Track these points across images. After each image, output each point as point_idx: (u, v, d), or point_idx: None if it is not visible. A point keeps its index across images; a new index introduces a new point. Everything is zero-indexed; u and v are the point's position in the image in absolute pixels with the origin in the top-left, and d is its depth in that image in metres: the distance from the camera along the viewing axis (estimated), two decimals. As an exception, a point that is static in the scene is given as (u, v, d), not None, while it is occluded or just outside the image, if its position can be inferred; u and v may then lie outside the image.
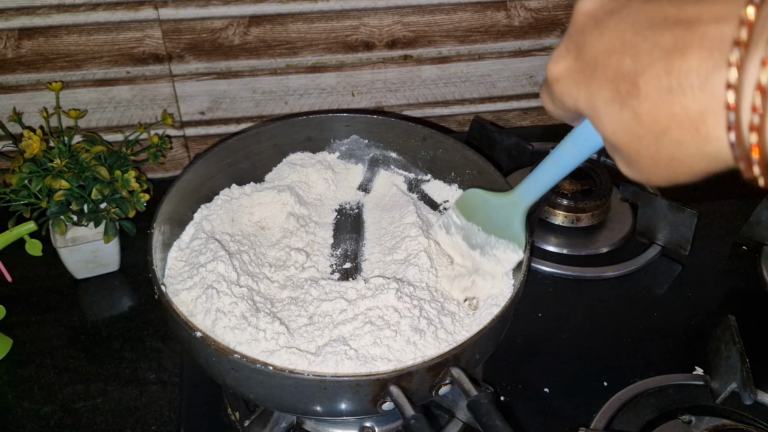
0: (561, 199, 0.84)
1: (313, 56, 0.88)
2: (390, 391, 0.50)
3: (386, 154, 0.79)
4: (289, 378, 0.49)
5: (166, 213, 0.64)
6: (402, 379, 0.50)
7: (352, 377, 0.49)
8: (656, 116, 0.27)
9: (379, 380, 0.49)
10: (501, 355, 0.71)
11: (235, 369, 0.51)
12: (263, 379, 0.50)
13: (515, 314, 0.59)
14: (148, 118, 0.89)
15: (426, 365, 0.50)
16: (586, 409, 0.66)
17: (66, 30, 0.79)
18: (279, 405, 0.55)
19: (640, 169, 0.30)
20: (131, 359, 0.71)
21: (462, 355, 0.52)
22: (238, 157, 0.74)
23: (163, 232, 0.64)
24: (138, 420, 0.65)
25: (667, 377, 0.69)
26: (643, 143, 0.28)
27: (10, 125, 0.82)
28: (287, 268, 0.67)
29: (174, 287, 0.61)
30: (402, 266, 0.66)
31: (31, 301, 0.76)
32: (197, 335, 0.51)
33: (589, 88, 0.30)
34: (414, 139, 0.76)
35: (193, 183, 0.69)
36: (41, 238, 0.71)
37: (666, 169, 0.29)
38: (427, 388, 0.52)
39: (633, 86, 0.27)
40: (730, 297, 0.79)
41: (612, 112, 0.29)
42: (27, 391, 0.67)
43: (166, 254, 0.65)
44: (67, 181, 0.72)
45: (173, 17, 0.81)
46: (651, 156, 0.29)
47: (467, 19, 0.90)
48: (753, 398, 0.61)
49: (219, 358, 0.51)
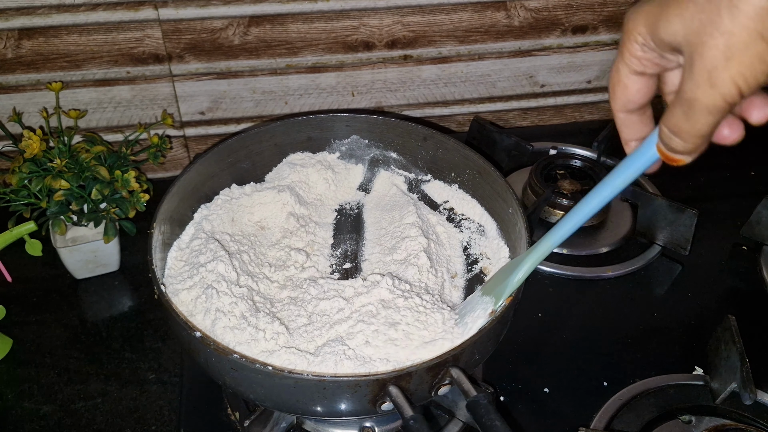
0: (561, 199, 0.84)
1: (313, 56, 0.88)
2: (389, 391, 0.50)
3: (386, 154, 0.79)
4: (288, 378, 0.49)
5: (167, 213, 0.64)
6: (401, 379, 0.50)
7: (351, 377, 0.49)
8: None
9: (378, 380, 0.49)
10: (501, 355, 0.71)
11: (235, 369, 0.51)
12: (262, 379, 0.50)
13: (515, 314, 0.59)
14: (148, 118, 0.89)
15: (425, 365, 0.50)
16: (586, 409, 0.66)
17: (66, 30, 0.79)
18: (278, 405, 0.55)
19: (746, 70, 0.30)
20: (131, 359, 0.71)
21: (461, 356, 0.52)
22: (239, 157, 0.74)
23: (163, 232, 0.64)
24: (138, 420, 0.65)
25: (667, 377, 0.68)
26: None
27: (10, 125, 0.82)
28: (287, 268, 0.67)
29: (174, 287, 0.61)
30: (402, 266, 0.66)
31: (31, 301, 0.76)
32: (197, 335, 0.51)
33: (688, 12, 0.31)
34: (414, 139, 0.76)
35: (194, 182, 0.69)
36: (41, 238, 0.71)
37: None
38: (426, 388, 0.52)
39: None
40: (730, 297, 0.79)
41: (726, 20, 0.29)
42: (27, 391, 0.67)
43: (166, 254, 0.65)
44: (67, 181, 0.72)
45: (173, 17, 0.81)
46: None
47: (467, 19, 0.90)
48: (753, 398, 0.61)
49: (219, 358, 0.51)
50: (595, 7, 0.93)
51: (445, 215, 0.75)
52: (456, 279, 0.68)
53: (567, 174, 0.88)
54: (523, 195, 0.89)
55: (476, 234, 0.73)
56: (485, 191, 0.72)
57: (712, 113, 0.31)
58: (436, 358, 0.50)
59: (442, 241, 0.72)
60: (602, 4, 0.93)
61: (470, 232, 0.73)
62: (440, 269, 0.67)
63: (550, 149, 0.95)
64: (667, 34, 0.32)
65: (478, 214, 0.73)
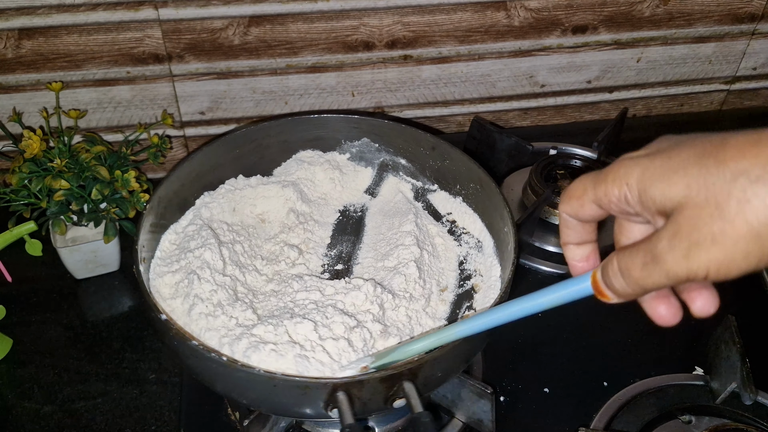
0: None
1: (313, 56, 0.88)
2: (336, 396, 0.49)
3: (396, 160, 0.78)
4: (240, 371, 0.49)
5: (165, 195, 0.65)
6: (352, 386, 0.49)
7: (300, 378, 0.49)
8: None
9: (327, 385, 0.49)
10: (501, 355, 0.71)
11: (194, 356, 0.52)
12: (217, 368, 0.51)
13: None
14: (148, 118, 0.89)
15: (378, 376, 0.49)
16: (586, 409, 0.66)
17: (66, 30, 0.79)
18: (235, 396, 0.55)
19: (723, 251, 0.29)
20: (131, 359, 0.71)
21: (419, 371, 0.51)
22: (246, 150, 0.74)
23: (162, 215, 0.65)
24: (138, 420, 0.65)
25: (667, 377, 0.69)
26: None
27: (10, 125, 0.82)
28: (278, 262, 0.67)
29: (160, 269, 0.62)
30: (390, 273, 0.66)
31: (31, 301, 0.76)
32: (162, 317, 0.53)
33: (688, 176, 0.30)
34: (423, 147, 0.75)
35: (197, 169, 0.70)
36: (41, 238, 0.71)
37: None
38: (381, 399, 0.51)
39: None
40: (730, 297, 0.79)
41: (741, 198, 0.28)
42: (27, 391, 0.67)
43: (160, 236, 0.66)
44: (67, 181, 0.72)
45: (173, 17, 0.81)
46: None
47: (467, 19, 0.90)
48: (753, 398, 0.61)
49: (180, 343, 0.52)
50: (595, 7, 0.93)
51: (447, 227, 0.74)
52: (445, 293, 0.67)
53: (567, 174, 0.88)
54: (523, 195, 0.89)
55: (474, 249, 0.71)
56: (486, 206, 0.70)
57: (669, 279, 0.31)
58: (390, 369, 0.50)
59: (438, 252, 0.71)
60: (602, 4, 0.93)
61: (468, 247, 0.71)
62: (430, 281, 0.66)
63: (550, 149, 0.95)
64: (664, 197, 0.31)
65: (478, 229, 0.72)
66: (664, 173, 0.31)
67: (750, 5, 0.97)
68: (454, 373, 0.57)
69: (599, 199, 0.35)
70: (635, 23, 0.96)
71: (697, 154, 0.30)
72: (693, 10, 0.96)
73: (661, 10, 0.95)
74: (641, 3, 0.94)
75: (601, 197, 0.35)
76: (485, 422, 0.61)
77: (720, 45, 1.02)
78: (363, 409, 0.51)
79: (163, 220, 0.66)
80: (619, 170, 0.33)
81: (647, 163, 0.32)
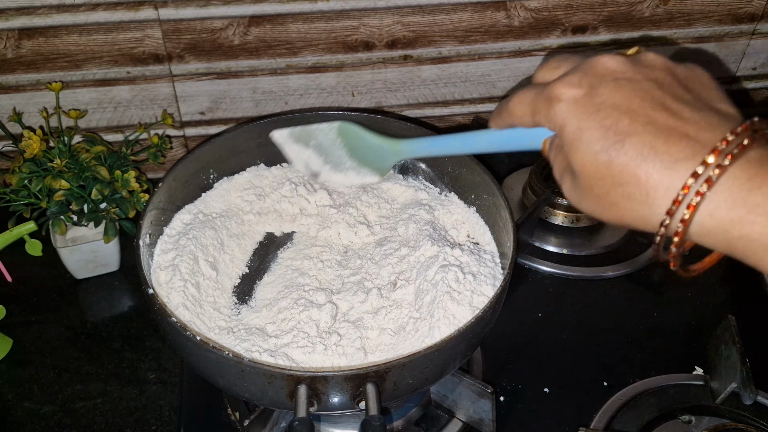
0: (561, 199, 0.84)
1: (313, 56, 0.88)
2: (297, 389, 0.49)
3: (416, 164, 0.76)
4: (211, 352, 0.50)
5: (182, 175, 0.68)
6: (316, 381, 0.49)
7: (266, 366, 0.50)
8: (624, 169, 0.33)
9: (291, 376, 0.49)
10: (501, 355, 0.71)
11: (172, 333, 0.53)
12: (192, 347, 0.52)
13: (515, 313, 0.59)
14: (148, 118, 0.89)
15: (342, 373, 0.49)
16: (586, 409, 0.66)
17: (66, 30, 0.79)
18: (209, 377, 0.55)
19: (582, 197, 0.37)
20: (131, 359, 0.71)
21: (387, 374, 0.50)
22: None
23: (174, 193, 0.68)
24: (138, 420, 0.65)
25: (667, 377, 0.69)
26: (600, 182, 0.34)
27: (10, 125, 0.82)
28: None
29: (166, 245, 0.64)
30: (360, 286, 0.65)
31: (31, 301, 0.76)
32: (149, 291, 0.55)
33: (584, 121, 0.35)
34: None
35: (218, 153, 0.72)
36: (41, 238, 0.71)
37: (604, 207, 0.35)
38: (348, 397, 0.51)
39: (619, 141, 0.33)
40: (730, 297, 0.79)
41: (592, 148, 0.34)
42: (27, 391, 0.67)
43: (172, 215, 0.68)
44: (67, 181, 0.72)
45: (173, 17, 0.81)
46: (600, 194, 0.35)
47: (467, 19, 0.90)
48: (753, 398, 0.61)
49: (161, 319, 0.53)
50: (595, 7, 0.93)
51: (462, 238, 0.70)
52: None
53: (567, 174, 0.88)
54: (523, 195, 0.89)
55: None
56: (496, 220, 0.67)
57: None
58: (355, 368, 0.49)
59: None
60: (602, 4, 0.93)
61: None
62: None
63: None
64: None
65: (487, 241, 0.68)
66: (571, 108, 0.36)
67: (750, 5, 0.97)
68: (428, 382, 0.55)
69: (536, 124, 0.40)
70: (635, 23, 0.96)
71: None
72: (693, 10, 0.96)
73: (661, 10, 0.95)
74: (641, 3, 0.94)
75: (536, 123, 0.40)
76: (485, 422, 0.61)
77: (720, 45, 1.02)
78: (327, 406, 0.52)
79: (179, 200, 0.69)
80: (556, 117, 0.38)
81: (570, 96, 0.37)
